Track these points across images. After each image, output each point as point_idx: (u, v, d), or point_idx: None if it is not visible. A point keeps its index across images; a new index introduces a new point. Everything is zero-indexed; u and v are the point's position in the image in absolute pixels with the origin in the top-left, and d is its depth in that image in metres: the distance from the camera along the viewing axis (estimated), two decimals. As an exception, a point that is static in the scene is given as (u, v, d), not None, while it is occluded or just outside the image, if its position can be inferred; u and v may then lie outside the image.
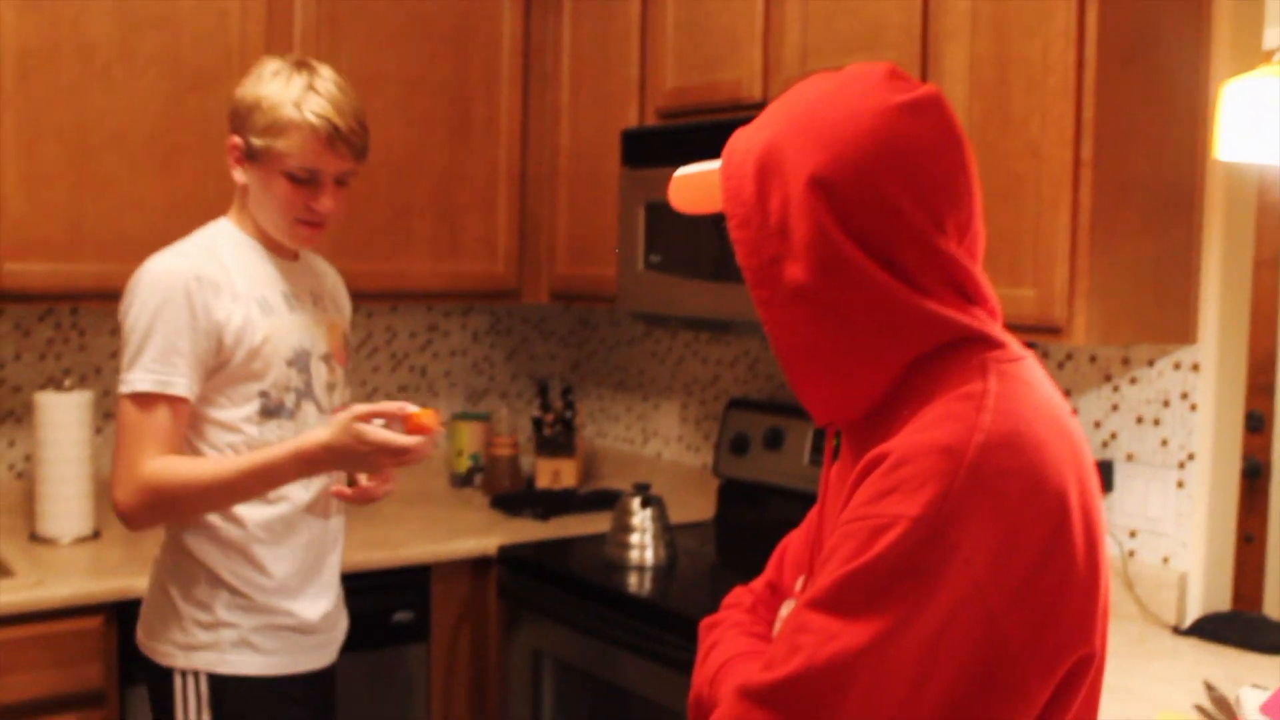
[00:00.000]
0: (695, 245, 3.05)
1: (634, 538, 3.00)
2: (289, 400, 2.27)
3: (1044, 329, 2.38)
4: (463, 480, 3.91)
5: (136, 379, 2.15)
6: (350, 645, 3.05)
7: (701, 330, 3.17)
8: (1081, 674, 1.16)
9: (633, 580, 2.92)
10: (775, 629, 1.39)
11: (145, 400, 2.15)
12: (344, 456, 2.12)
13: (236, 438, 2.23)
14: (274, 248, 2.33)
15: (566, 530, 3.36)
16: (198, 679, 2.24)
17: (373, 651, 3.10)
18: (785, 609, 1.39)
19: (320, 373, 2.34)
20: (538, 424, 3.88)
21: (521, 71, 3.63)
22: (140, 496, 2.14)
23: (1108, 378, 2.70)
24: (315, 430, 2.16)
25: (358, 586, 3.05)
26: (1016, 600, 1.09)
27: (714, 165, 1.31)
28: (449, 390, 4.04)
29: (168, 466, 2.14)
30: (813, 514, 1.47)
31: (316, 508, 2.34)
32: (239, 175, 2.29)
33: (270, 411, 2.25)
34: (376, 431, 2.09)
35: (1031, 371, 1.23)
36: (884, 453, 1.15)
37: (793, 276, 1.19)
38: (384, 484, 2.33)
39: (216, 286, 2.19)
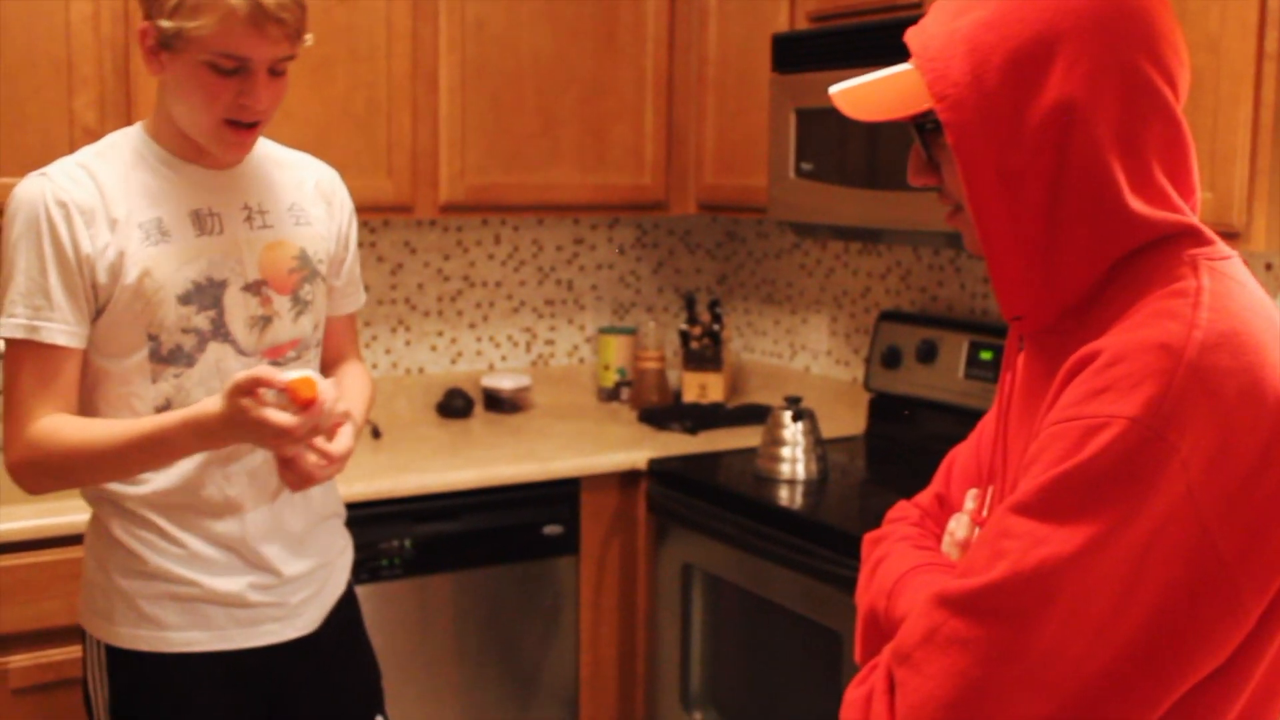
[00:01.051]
0: (847, 152, 2.97)
1: (785, 451, 2.96)
2: (187, 344, 1.91)
3: (1220, 234, 2.25)
4: (610, 394, 3.91)
5: (6, 323, 1.86)
6: (501, 557, 3.10)
7: (853, 240, 3.09)
8: None
9: (784, 494, 2.88)
10: (944, 543, 1.35)
11: (21, 348, 1.86)
12: (240, 432, 1.77)
13: (128, 390, 1.91)
14: (194, 155, 1.95)
15: (715, 444, 3.34)
16: (98, 647, 1.98)
17: (522, 564, 3.13)
18: (954, 523, 1.35)
19: (242, 306, 1.95)
20: (685, 337, 3.85)
21: (668, -25, 3.56)
22: (29, 459, 1.87)
23: (1286, 286, 2.57)
24: (211, 399, 1.80)
25: (508, 499, 3.09)
26: (1231, 509, 1.04)
27: (885, 72, 1.25)
28: (595, 304, 4.03)
29: (56, 429, 1.85)
30: (984, 423, 1.41)
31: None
32: (156, 69, 1.87)
33: (163, 359, 1.91)
34: (256, 408, 1.73)
35: (1241, 270, 1.17)
36: (1095, 351, 1.09)
37: (1011, 162, 1.13)
38: (321, 464, 1.88)
39: (88, 213, 1.86)
